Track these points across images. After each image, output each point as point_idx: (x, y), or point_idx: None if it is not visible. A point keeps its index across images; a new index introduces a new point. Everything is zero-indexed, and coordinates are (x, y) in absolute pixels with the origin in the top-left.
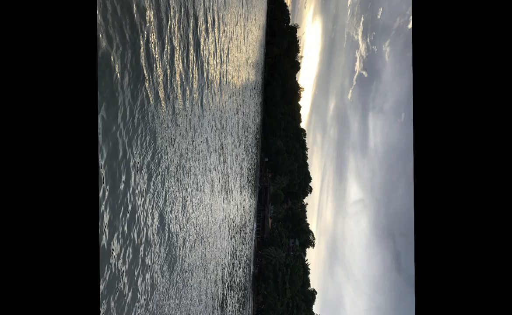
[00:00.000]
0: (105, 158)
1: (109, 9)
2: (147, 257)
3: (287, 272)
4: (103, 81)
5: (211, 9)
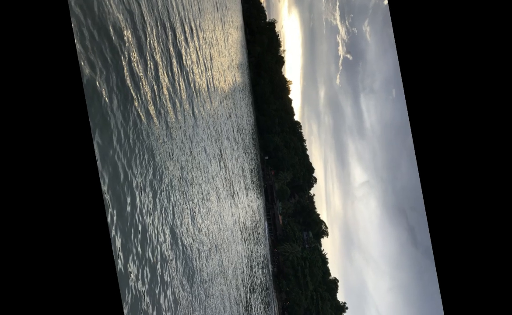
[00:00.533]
0: (107, 183)
1: (86, 36)
2: (165, 273)
3: (305, 265)
4: (92, 107)
5: (187, 18)
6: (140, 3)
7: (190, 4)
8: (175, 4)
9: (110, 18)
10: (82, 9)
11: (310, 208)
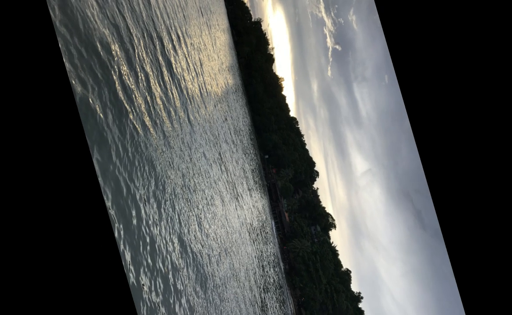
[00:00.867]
0: (110, 199)
1: (74, 54)
2: (178, 282)
3: (316, 259)
4: (88, 125)
5: (173, 26)
6: (124, 16)
7: (175, 12)
8: (159, 14)
9: (96, 34)
10: (68, 28)
11: (315, 202)
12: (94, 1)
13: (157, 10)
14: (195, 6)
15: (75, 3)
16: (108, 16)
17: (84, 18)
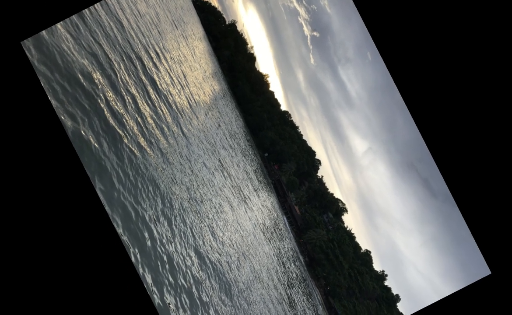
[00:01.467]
0: (121, 225)
1: (58, 90)
2: (202, 295)
3: (334, 246)
4: (85, 157)
5: (150, 44)
6: (100, 43)
7: (149, 29)
8: (134, 34)
9: (76, 66)
10: (47, 66)
11: (323, 190)
12: (67, 34)
13: (131, 31)
14: (167, 20)
15: (49, 39)
16: (84, 46)
17: (61, 52)
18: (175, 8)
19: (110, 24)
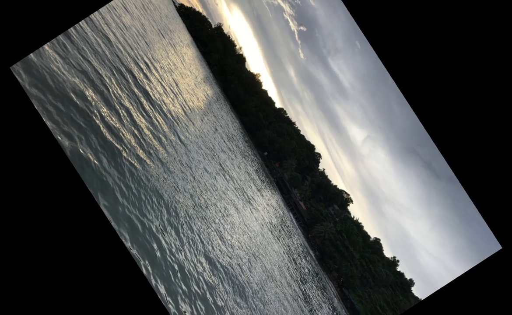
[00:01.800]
0: (129, 239)
1: (52, 111)
2: (217, 300)
3: (343, 237)
4: (86, 174)
5: (138, 56)
6: (89, 60)
7: (136, 41)
8: (122, 48)
9: (67, 85)
10: (38, 88)
11: (326, 183)
12: (55, 55)
13: (118, 45)
14: (154, 30)
15: (38, 62)
16: (73, 65)
17: (51, 73)
18: (160, 17)
19: (97, 40)
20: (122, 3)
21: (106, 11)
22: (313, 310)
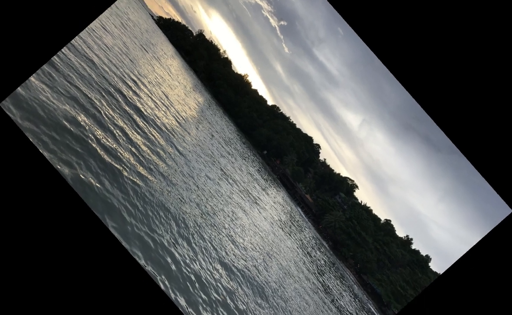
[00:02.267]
0: (142, 257)
1: (46, 141)
2: (238, 303)
3: (354, 224)
4: (90, 199)
5: (125, 74)
6: (76, 85)
7: (120, 60)
8: (107, 68)
9: (59, 114)
10: (30, 120)
11: (329, 172)
12: (43, 85)
13: (103, 66)
14: (136, 46)
15: (26, 94)
16: (62, 93)
17: (41, 104)
18: (140, 32)
19: (82, 65)
20: (101, 24)
21: (87, 34)
22: (334, 300)
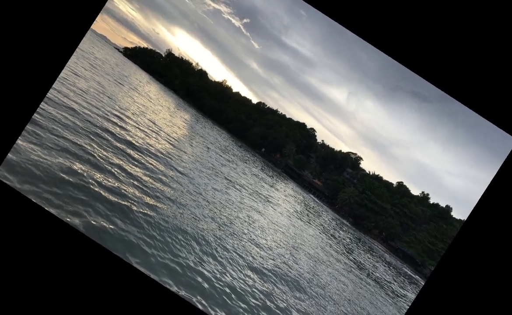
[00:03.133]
0: (173, 284)
1: (50, 198)
2: (279, 303)
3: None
4: (107, 242)
5: (107, 112)
6: (64, 135)
7: (99, 100)
8: (89, 111)
9: (53, 168)
10: (28, 182)
11: (330, 152)
12: (31, 145)
13: (84, 110)
14: (110, 82)
15: (17, 158)
16: (51, 147)
17: (35, 164)
18: (111, 68)
19: (63, 115)
20: (71, 70)
21: (60, 84)
22: (370, 273)
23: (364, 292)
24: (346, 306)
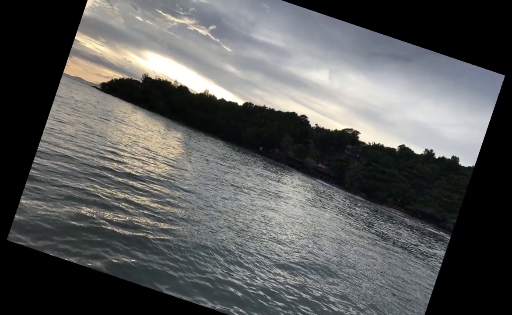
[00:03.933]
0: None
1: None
2: (315, 292)
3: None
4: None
5: (101, 150)
6: (65, 184)
7: (90, 140)
8: (83, 155)
9: (62, 217)
10: (41, 238)
11: (326, 133)
12: (33, 200)
13: (78, 154)
14: (96, 120)
15: (23, 218)
16: (55, 198)
17: (43, 218)
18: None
19: (59, 164)
20: (55, 119)
21: (47, 134)
22: (395, 242)
23: (394, 260)
24: (380, 278)
